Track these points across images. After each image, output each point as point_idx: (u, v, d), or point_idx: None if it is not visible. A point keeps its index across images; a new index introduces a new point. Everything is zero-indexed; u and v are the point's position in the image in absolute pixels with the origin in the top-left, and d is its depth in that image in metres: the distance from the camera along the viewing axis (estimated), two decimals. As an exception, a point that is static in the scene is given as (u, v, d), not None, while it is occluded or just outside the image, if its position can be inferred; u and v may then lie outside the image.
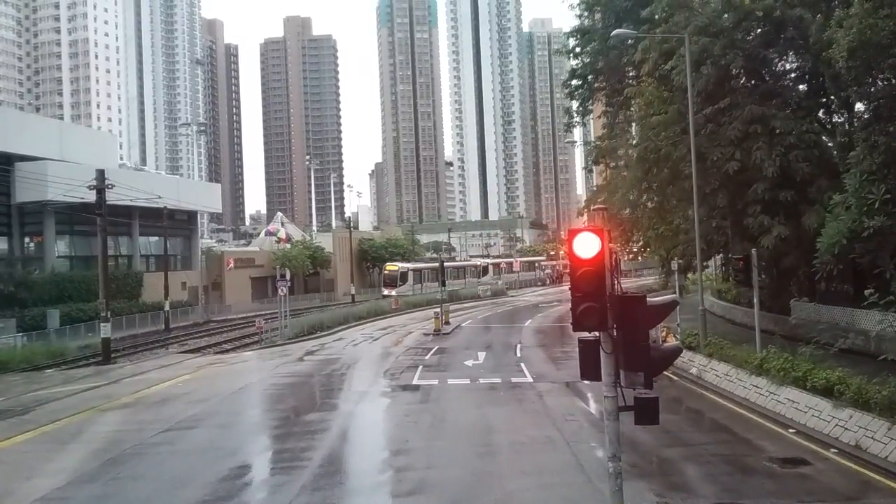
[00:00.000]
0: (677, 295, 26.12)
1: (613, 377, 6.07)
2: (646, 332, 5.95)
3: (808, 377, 15.19)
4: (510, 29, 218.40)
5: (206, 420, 16.82)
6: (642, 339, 5.87)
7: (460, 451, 13.30)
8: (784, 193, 21.71)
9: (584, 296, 5.84)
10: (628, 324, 5.88)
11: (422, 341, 32.54)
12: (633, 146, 27.30)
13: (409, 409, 17.28)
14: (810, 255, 24.04)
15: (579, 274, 5.85)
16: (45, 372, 28.52)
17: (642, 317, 5.87)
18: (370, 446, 14.23)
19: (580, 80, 35.83)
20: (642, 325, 5.92)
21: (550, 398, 18.24)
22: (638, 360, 5.82)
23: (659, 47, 25.16)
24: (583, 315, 5.84)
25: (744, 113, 22.50)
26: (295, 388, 21.42)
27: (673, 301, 6.37)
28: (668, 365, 6.14)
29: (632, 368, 5.87)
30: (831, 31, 17.53)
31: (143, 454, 13.72)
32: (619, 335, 5.93)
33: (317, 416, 16.81)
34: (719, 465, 12.17)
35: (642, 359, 5.83)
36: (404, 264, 70.36)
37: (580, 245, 5.92)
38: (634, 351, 5.83)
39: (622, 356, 5.92)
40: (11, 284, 41.97)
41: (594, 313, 5.80)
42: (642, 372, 5.83)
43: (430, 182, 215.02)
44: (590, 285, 5.85)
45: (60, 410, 18.50)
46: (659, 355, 5.93)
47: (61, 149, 48.95)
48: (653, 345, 5.94)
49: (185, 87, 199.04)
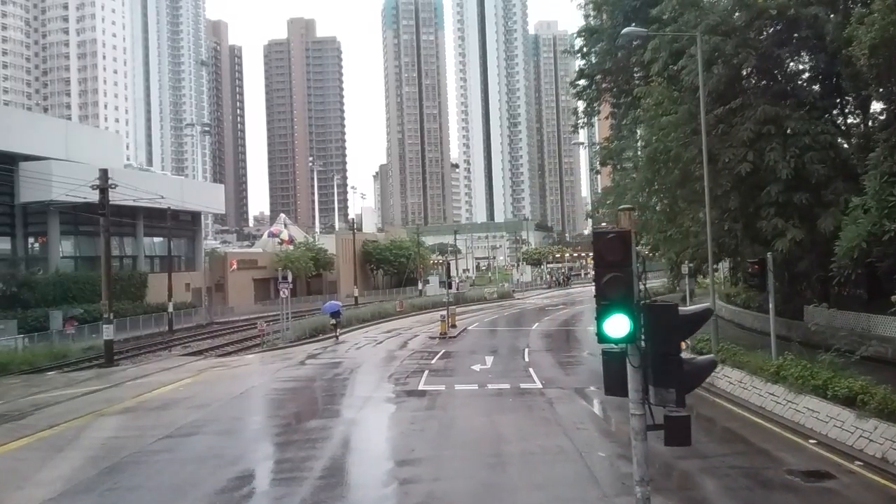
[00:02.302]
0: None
1: (641, 393, 5.60)
2: (677, 344, 5.47)
3: (828, 386, 14.65)
4: (516, 31, 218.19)
5: (207, 426, 16.38)
6: (674, 352, 5.39)
7: (469, 462, 12.81)
8: (799, 196, 21.20)
9: (611, 304, 5.37)
10: (658, 335, 5.40)
11: (427, 345, 32.06)
12: (643, 147, 26.78)
13: (414, 416, 16.79)
14: (825, 258, 23.52)
15: (606, 280, 5.37)
16: (47, 374, 28.16)
17: (674, 327, 5.39)
18: (374, 456, 13.73)
19: (587, 80, 35.34)
20: (674, 337, 5.43)
21: (561, 405, 17.74)
22: (669, 375, 5.35)
23: (669, 46, 24.73)
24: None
25: (756, 113, 22.00)
26: (296, 393, 20.97)
27: (707, 310, 5.87)
28: (703, 380, 5.64)
29: (662, 384, 5.39)
30: (851, 29, 17.04)
31: (141, 462, 13.28)
32: (648, 347, 5.45)
33: (318, 423, 16.35)
34: (738, 479, 11.65)
35: (674, 374, 5.35)
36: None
37: (607, 248, 5.44)
38: (665, 365, 5.35)
39: (651, 371, 5.44)
40: (14, 285, 41.71)
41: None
42: (674, 388, 5.35)
43: (436, 184, 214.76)
44: (616, 291, 5.38)
45: (59, 415, 18.10)
46: (692, 370, 5.45)
47: (67, 149, 48.72)
48: (685, 358, 5.46)
49: (190, 89, 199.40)
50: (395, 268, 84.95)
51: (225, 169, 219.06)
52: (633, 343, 5.50)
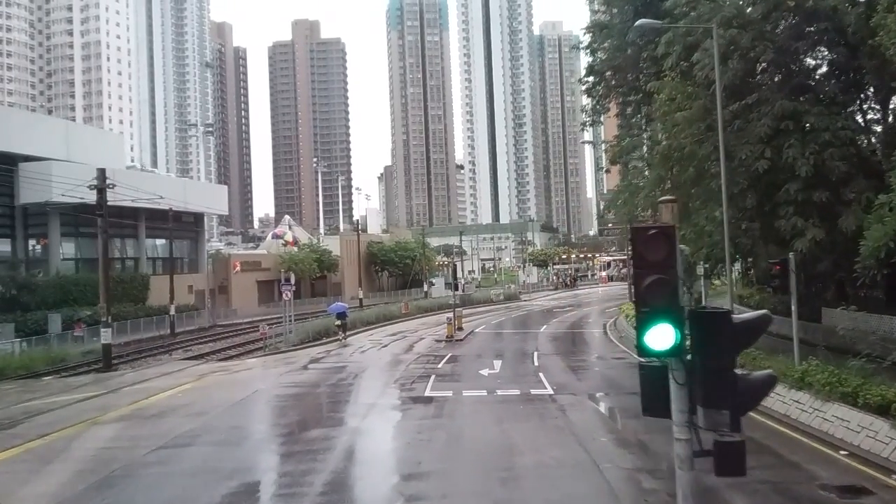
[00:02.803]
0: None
1: (687, 415, 4.81)
2: (732, 357, 4.68)
3: (859, 393, 13.81)
4: (521, 32, 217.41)
5: (204, 436, 15.63)
6: (727, 367, 4.61)
7: (479, 476, 12.02)
8: (818, 194, 20.36)
9: (654, 312, 4.60)
10: (708, 347, 4.62)
11: (434, 348, 31.29)
12: (656, 144, 26.00)
13: (421, 425, 16.01)
14: (846, 258, 22.69)
15: (648, 283, 4.59)
16: (43, 379, 27.50)
17: (727, 338, 4.61)
18: (378, 469, 12.95)
19: (597, 76, 34.54)
20: (727, 349, 4.65)
21: (574, 413, 16.93)
22: (722, 393, 4.56)
23: (683, 40, 23.92)
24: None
25: (774, 108, 21.17)
26: (298, 400, 20.20)
27: (764, 317, 5.08)
28: (761, 399, 4.85)
29: (713, 405, 4.60)
30: (879, 17, 16.24)
31: (131, 476, 12.55)
32: (696, 362, 4.67)
33: (320, 433, 15.57)
34: (770, 496, 10.82)
35: (727, 392, 4.56)
36: None
37: (648, 246, 4.66)
38: (717, 382, 4.57)
39: (700, 388, 4.66)
40: (14, 287, 41.09)
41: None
42: (727, 409, 4.58)
43: (441, 185, 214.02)
44: (660, 296, 4.60)
45: (51, 424, 17.40)
46: (748, 387, 4.65)
47: (67, 149, 48.17)
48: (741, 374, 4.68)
49: (194, 91, 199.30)
50: (400, 269, 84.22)
51: (230, 171, 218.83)
52: (678, 357, 4.73)
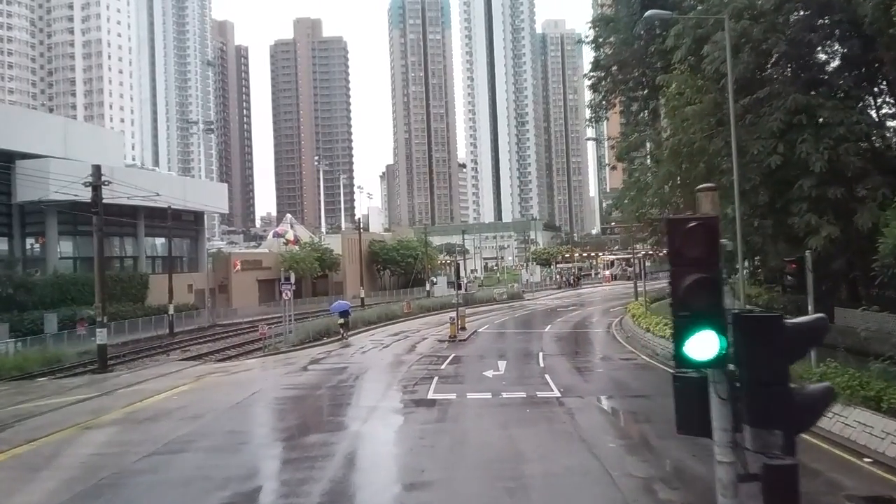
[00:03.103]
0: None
1: (731, 434, 4.18)
2: (785, 369, 4.04)
3: (882, 397, 13.16)
4: (524, 30, 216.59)
5: (198, 441, 15.01)
6: (779, 381, 3.97)
7: (486, 486, 11.39)
8: (833, 190, 19.77)
9: (695, 316, 3.96)
10: (757, 356, 3.98)
11: (436, 349, 30.66)
12: (665, 139, 25.37)
13: (424, 430, 15.37)
14: (860, 256, 22.08)
15: (689, 284, 3.95)
16: (37, 381, 26.91)
17: (779, 346, 3.97)
18: (379, 478, 12.31)
19: (603, 71, 33.88)
20: (779, 359, 4.01)
21: (582, 417, 16.29)
22: (773, 410, 3.93)
23: (693, 32, 23.35)
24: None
25: (787, 102, 20.56)
26: (297, 403, 19.58)
27: (821, 320, 4.45)
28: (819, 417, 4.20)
29: (763, 423, 3.97)
30: (900, 5, 15.58)
31: (119, 485, 11.93)
32: (743, 373, 4.04)
33: (319, 438, 14.93)
34: (795, 508, 10.17)
35: (780, 409, 3.93)
36: None
37: (687, 240, 4.03)
38: (768, 397, 3.93)
39: (747, 405, 4.02)
40: (10, 287, 40.49)
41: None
42: (780, 429, 3.95)
43: (443, 184, 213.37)
44: (702, 299, 3.97)
45: (40, 428, 16.78)
46: (804, 403, 4.02)
47: (65, 147, 47.59)
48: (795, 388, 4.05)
49: (196, 89, 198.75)
50: (402, 268, 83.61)
51: (232, 169, 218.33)
52: (721, 368, 4.10)
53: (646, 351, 27.22)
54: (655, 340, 27.11)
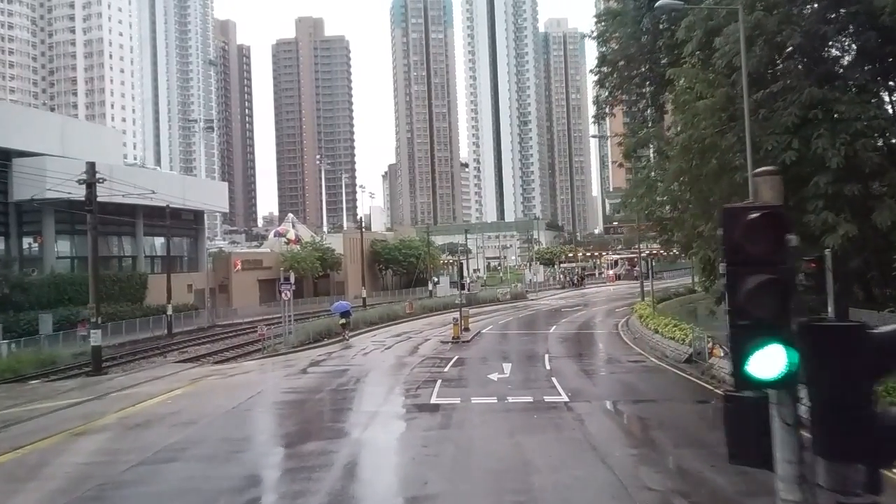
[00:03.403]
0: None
1: (798, 467, 3.48)
2: (869, 389, 3.34)
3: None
4: (526, 29, 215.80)
5: (190, 449, 14.31)
6: (861, 403, 3.27)
7: (492, 499, 10.69)
8: (850, 187, 19.05)
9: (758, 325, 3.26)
10: (832, 374, 3.28)
11: (440, 350, 29.96)
12: (675, 135, 24.64)
13: (427, 437, 14.67)
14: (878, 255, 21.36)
15: (752, 287, 3.24)
16: (30, 383, 26.26)
17: (863, 360, 3.27)
18: (380, 489, 11.58)
19: (610, 66, 33.09)
20: (860, 377, 3.31)
21: (592, 423, 15.57)
22: (854, 440, 3.23)
23: (704, 24, 22.58)
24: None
25: (802, 96, 19.83)
26: (295, 408, 18.87)
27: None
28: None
29: (839, 456, 3.26)
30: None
31: (104, 498, 11.24)
32: (815, 394, 3.33)
33: (317, 446, 14.22)
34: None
35: (861, 437, 3.23)
36: None
37: (748, 234, 3.31)
38: (846, 423, 3.23)
39: (820, 433, 3.32)
40: (6, 287, 39.87)
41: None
42: (862, 463, 3.25)
43: (445, 183, 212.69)
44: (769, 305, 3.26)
45: (28, 434, 16.10)
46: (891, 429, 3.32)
47: (63, 145, 46.98)
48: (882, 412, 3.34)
49: (198, 88, 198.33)
50: (404, 268, 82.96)
51: (233, 169, 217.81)
52: (790, 388, 3.39)
53: (655, 353, 26.50)
54: (664, 342, 26.39)
